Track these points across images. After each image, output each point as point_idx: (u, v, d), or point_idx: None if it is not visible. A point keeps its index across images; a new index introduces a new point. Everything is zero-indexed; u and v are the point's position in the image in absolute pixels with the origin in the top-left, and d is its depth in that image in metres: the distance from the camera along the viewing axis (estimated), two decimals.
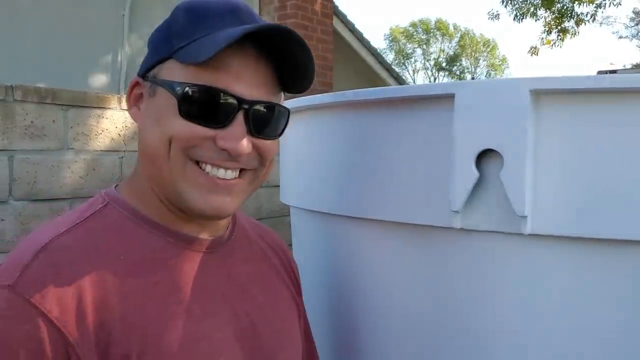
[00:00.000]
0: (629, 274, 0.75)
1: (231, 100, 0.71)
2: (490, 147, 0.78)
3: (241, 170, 0.75)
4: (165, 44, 0.75)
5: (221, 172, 0.73)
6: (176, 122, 0.71)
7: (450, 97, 0.81)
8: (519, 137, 0.76)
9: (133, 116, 0.79)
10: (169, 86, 0.72)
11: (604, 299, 0.76)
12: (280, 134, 0.80)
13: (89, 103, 2.47)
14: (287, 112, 0.80)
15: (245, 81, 0.72)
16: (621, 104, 0.73)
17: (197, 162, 0.72)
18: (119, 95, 2.60)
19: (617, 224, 0.73)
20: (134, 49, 4.98)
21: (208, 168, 0.73)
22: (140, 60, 0.82)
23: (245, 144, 0.71)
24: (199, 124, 0.71)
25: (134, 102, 0.79)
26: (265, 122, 0.75)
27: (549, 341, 0.80)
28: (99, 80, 4.81)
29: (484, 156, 0.80)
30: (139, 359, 0.65)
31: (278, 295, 0.88)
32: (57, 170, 2.36)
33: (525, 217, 0.76)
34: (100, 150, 2.51)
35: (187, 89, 0.70)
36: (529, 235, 0.77)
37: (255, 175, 0.78)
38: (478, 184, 0.80)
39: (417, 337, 0.93)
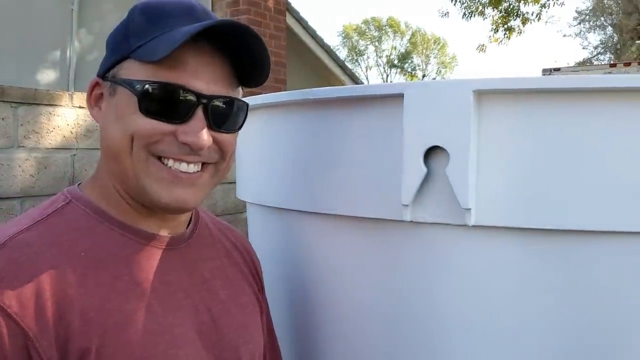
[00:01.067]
0: (565, 262, 0.81)
1: (190, 95, 0.73)
2: (437, 144, 0.83)
3: (203, 164, 0.78)
4: (123, 44, 0.76)
5: (183, 166, 0.75)
6: (137, 119, 0.73)
7: (400, 96, 0.86)
8: (463, 135, 0.81)
9: (95, 116, 0.80)
10: (129, 84, 0.73)
11: (544, 287, 0.82)
12: (240, 128, 0.82)
13: (39, 100, 2.42)
14: (246, 106, 0.82)
15: (202, 77, 0.74)
16: (554, 102, 0.79)
17: (159, 158, 0.74)
18: (70, 93, 2.56)
19: (555, 215, 0.79)
20: (83, 44, 4.86)
21: (170, 162, 0.75)
22: (89, 56, 0.84)
23: (206, 137, 0.74)
24: (160, 120, 0.73)
25: (95, 102, 0.80)
26: (225, 116, 0.77)
27: (493, 326, 0.85)
28: (48, 76, 4.68)
29: (432, 152, 0.85)
30: (98, 353, 0.67)
31: (240, 292, 0.89)
32: (7, 169, 2.31)
33: (470, 209, 0.82)
34: (52, 148, 2.47)
35: (146, 86, 0.72)
36: (473, 226, 0.83)
37: (216, 169, 0.80)
38: (426, 179, 0.85)
39: (372, 326, 0.97)
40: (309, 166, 1.02)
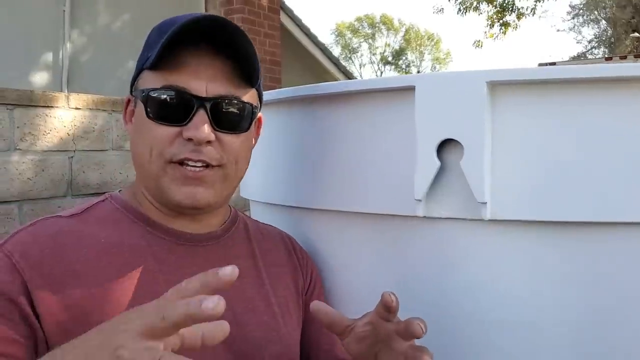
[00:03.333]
0: (582, 254, 0.79)
1: (189, 97, 0.77)
2: (451, 137, 0.81)
3: (208, 166, 0.80)
4: (141, 58, 0.83)
5: (190, 165, 0.80)
6: (150, 128, 0.78)
7: (411, 89, 0.84)
8: (477, 127, 0.79)
9: (128, 132, 0.86)
10: (139, 94, 0.80)
11: (561, 279, 0.80)
12: (246, 130, 0.84)
13: (35, 102, 2.40)
14: (250, 107, 0.84)
15: (203, 77, 0.78)
16: (568, 92, 0.77)
17: (174, 162, 0.79)
18: (66, 94, 2.54)
19: (571, 207, 0.77)
20: (75, 45, 4.82)
21: (182, 166, 0.80)
22: (82, 57, 0.91)
23: (207, 130, 0.77)
24: (165, 124, 0.78)
25: (130, 118, 0.85)
26: (226, 116, 0.80)
27: (510, 320, 0.84)
28: (41, 78, 4.65)
29: (445, 146, 0.83)
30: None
31: (274, 292, 0.89)
32: (4, 172, 2.28)
33: (485, 203, 0.80)
34: (49, 150, 2.44)
35: (149, 93, 0.78)
36: (489, 220, 0.81)
37: (224, 172, 0.82)
38: (440, 173, 0.83)
39: None
40: (317, 162, 1.00)
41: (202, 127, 0.77)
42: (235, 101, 0.81)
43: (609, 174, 0.76)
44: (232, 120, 0.81)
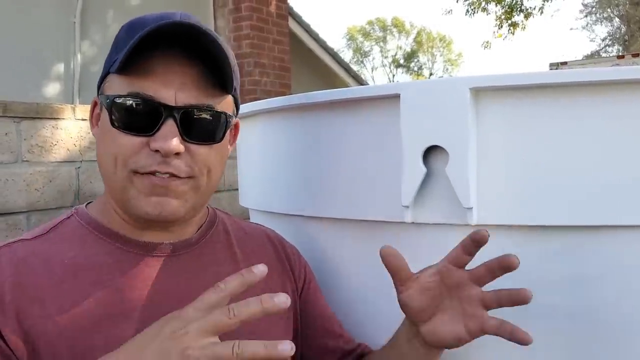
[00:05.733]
0: (568, 258, 0.79)
1: (157, 106, 0.72)
2: (436, 144, 0.82)
3: (174, 176, 0.75)
4: (108, 60, 0.77)
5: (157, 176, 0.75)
6: (115, 137, 0.73)
7: (396, 97, 0.84)
8: (462, 133, 0.80)
9: (94, 135, 0.81)
10: (103, 100, 0.75)
11: (547, 283, 0.80)
12: (220, 140, 0.79)
13: (42, 114, 2.43)
14: (225, 116, 0.78)
15: (171, 85, 0.73)
16: (551, 97, 0.78)
17: (140, 173, 0.74)
18: (73, 105, 2.57)
19: (555, 211, 0.78)
20: (86, 56, 4.88)
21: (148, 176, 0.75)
22: (93, 67, 0.86)
23: (175, 142, 0.72)
24: (132, 134, 0.73)
25: (96, 121, 0.80)
26: (196, 126, 0.75)
27: None
28: (53, 89, 4.71)
29: (431, 152, 0.83)
30: (69, 356, 0.68)
31: (255, 294, 0.86)
32: (12, 184, 2.32)
33: (471, 208, 0.80)
34: (56, 162, 2.48)
35: (114, 100, 0.73)
36: (476, 225, 0.81)
37: (196, 183, 0.77)
38: (426, 179, 0.84)
39: (378, 329, 0.96)
40: (309, 170, 1.01)
41: (170, 138, 0.71)
42: (208, 110, 0.76)
43: (592, 178, 0.76)
44: (204, 130, 0.76)
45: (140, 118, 0.73)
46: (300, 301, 0.93)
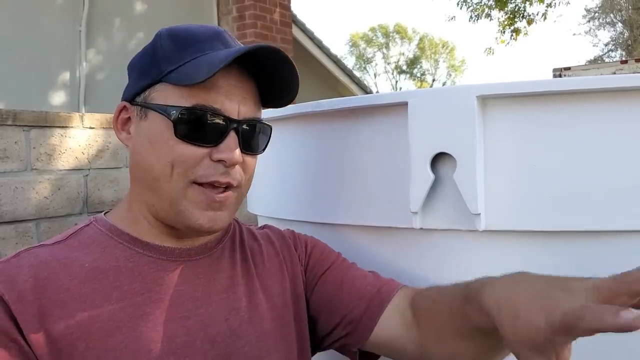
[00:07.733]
0: (577, 263, 0.80)
1: (223, 119, 0.76)
2: (444, 151, 0.83)
3: (228, 188, 0.79)
4: (153, 68, 0.79)
5: (217, 193, 0.78)
6: (174, 146, 0.75)
7: (404, 105, 0.86)
8: (469, 140, 0.81)
9: (123, 140, 0.83)
10: (163, 110, 0.76)
11: None
12: (263, 151, 0.84)
13: (50, 123, 2.45)
14: (270, 129, 0.85)
15: (234, 99, 0.77)
16: (557, 105, 0.79)
17: (197, 183, 0.77)
18: (81, 114, 2.59)
19: (563, 217, 0.79)
20: (92, 65, 4.92)
21: (206, 188, 0.77)
22: (99, 76, 0.85)
23: (238, 153, 0.76)
24: (195, 144, 0.75)
25: (122, 126, 0.82)
26: (252, 139, 0.81)
27: None
28: (59, 98, 4.74)
29: (439, 159, 0.85)
30: (83, 356, 0.69)
31: (269, 298, 0.87)
32: (21, 192, 2.34)
33: (479, 214, 0.82)
34: (65, 170, 2.50)
35: (182, 112, 0.75)
36: (484, 231, 0.83)
37: (239, 192, 0.82)
38: (434, 186, 0.85)
39: None
40: (319, 178, 1.02)
41: (234, 149, 0.76)
42: (261, 123, 0.82)
43: (600, 183, 0.77)
44: (257, 142, 0.82)
45: (206, 130, 0.76)
46: (306, 277, 0.93)
